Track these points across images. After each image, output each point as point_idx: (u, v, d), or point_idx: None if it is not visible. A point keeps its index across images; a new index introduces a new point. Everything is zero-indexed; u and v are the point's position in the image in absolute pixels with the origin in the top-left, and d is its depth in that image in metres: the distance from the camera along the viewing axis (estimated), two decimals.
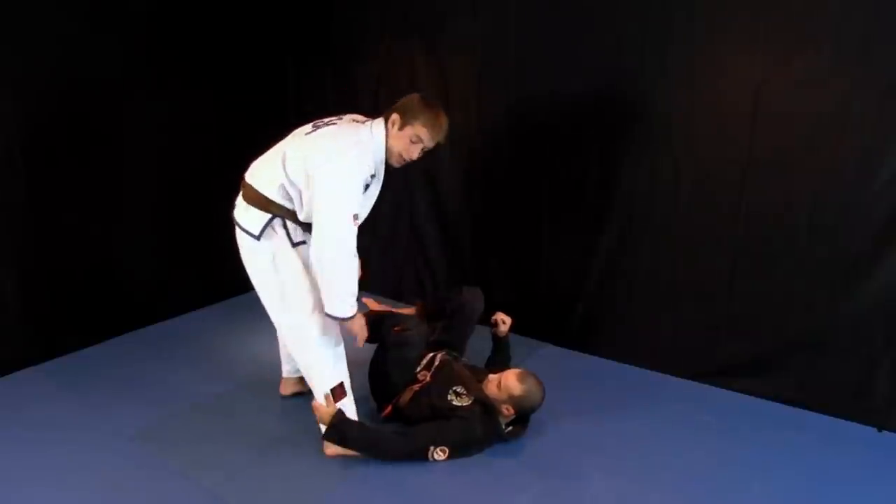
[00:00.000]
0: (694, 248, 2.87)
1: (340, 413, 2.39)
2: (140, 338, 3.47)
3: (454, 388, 2.46)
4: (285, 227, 2.33)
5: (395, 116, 2.26)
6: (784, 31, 2.51)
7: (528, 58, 3.14)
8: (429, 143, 2.29)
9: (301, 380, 2.80)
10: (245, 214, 2.35)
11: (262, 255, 2.35)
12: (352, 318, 2.32)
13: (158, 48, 3.39)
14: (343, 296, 2.26)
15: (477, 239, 3.57)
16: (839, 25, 2.40)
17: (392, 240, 3.96)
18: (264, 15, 3.87)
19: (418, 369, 2.61)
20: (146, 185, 3.47)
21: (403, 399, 2.56)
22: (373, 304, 3.17)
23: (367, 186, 2.29)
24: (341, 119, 2.39)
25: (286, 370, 2.86)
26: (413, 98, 2.31)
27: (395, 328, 2.59)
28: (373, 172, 2.29)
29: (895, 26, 2.32)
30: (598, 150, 3.04)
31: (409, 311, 3.06)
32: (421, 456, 2.36)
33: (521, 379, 2.45)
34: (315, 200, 2.16)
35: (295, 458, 2.46)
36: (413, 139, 2.27)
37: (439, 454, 2.36)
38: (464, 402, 2.43)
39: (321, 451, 2.45)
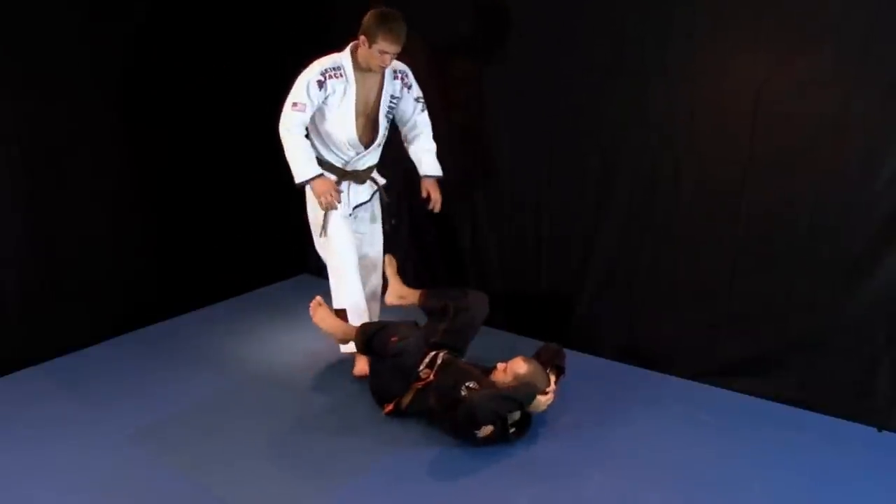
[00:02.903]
0: (695, 248, 2.87)
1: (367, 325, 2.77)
2: (140, 338, 3.47)
3: (467, 384, 2.48)
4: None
5: (361, 38, 2.66)
6: (785, 31, 2.51)
7: (528, 57, 3.13)
8: (393, 51, 2.67)
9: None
10: None
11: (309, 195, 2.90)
12: (309, 181, 2.75)
13: (158, 47, 3.39)
14: (292, 164, 2.75)
15: (477, 238, 3.57)
16: (840, 25, 2.40)
17: (392, 239, 3.95)
18: (264, 14, 3.87)
19: (420, 367, 2.61)
20: (145, 184, 3.47)
21: (406, 398, 2.57)
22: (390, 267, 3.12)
23: (334, 91, 2.72)
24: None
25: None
26: (371, 17, 2.65)
27: (392, 339, 2.59)
28: (330, 69, 2.72)
29: (895, 26, 2.32)
30: (598, 149, 3.03)
31: (413, 294, 3.03)
32: (472, 430, 2.40)
33: (527, 361, 2.55)
34: None
35: (296, 457, 2.46)
36: (380, 51, 2.64)
37: (485, 430, 2.40)
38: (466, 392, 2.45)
39: (320, 451, 2.48)
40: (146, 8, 3.31)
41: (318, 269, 4.30)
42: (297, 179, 2.74)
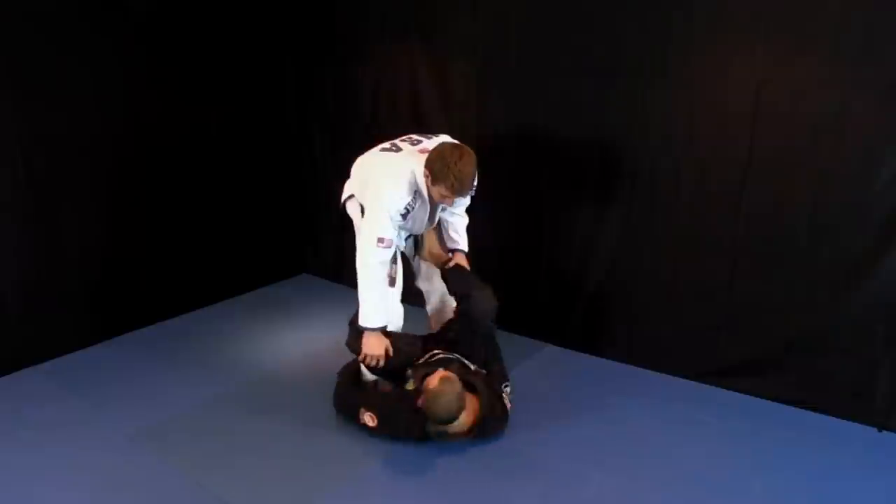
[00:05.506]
0: (694, 248, 2.87)
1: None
2: (140, 338, 3.47)
3: (407, 372, 2.56)
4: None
5: (426, 171, 2.44)
6: (784, 31, 2.51)
7: (528, 58, 3.14)
8: (453, 197, 2.48)
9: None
10: None
11: None
12: (371, 330, 2.54)
13: (159, 49, 3.39)
14: (363, 304, 2.54)
15: (477, 239, 3.56)
16: (839, 25, 2.40)
17: None
18: (264, 15, 3.88)
19: (420, 361, 2.63)
20: (145, 185, 3.47)
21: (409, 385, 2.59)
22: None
23: (413, 208, 2.54)
24: (409, 142, 2.65)
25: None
26: (439, 155, 2.41)
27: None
28: (410, 201, 2.51)
29: (895, 26, 2.32)
30: (597, 149, 3.03)
31: (441, 260, 2.93)
32: (353, 413, 2.55)
33: (441, 382, 2.36)
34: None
35: (296, 457, 2.46)
36: (442, 193, 2.44)
37: (367, 419, 2.49)
38: (409, 386, 2.52)
39: (320, 451, 2.48)
40: (146, 8, 3.31)
41: (317, 269, 4.31)
42: (363, 323, 2.53)
